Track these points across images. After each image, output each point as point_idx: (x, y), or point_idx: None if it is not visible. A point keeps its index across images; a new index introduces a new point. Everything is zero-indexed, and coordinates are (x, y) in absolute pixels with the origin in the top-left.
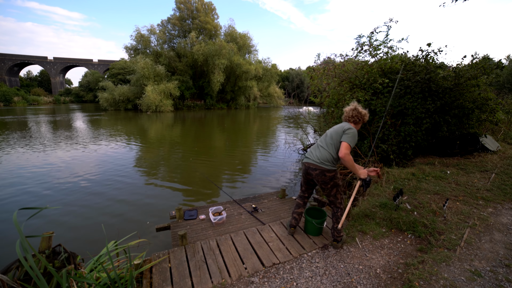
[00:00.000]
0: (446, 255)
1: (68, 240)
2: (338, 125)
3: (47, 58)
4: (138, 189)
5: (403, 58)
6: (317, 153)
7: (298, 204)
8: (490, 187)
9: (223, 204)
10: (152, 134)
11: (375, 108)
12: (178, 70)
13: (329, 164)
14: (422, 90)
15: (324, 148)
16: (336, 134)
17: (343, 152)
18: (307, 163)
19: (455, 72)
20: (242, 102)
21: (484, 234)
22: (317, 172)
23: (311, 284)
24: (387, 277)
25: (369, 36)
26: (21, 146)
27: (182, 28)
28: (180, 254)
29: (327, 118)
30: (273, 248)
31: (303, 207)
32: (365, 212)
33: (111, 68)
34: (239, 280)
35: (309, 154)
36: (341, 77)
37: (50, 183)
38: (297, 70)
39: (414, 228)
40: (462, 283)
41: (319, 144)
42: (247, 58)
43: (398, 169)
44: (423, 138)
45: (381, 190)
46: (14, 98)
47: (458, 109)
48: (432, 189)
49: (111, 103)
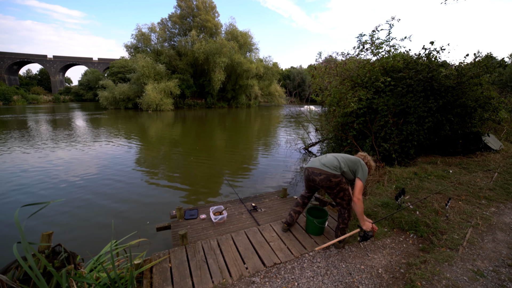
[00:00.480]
0: (448, 255)
1: (68, 240)
2: (357, 158)
3: (46, 56)
4: (138, 189)
5: (405, 56)
6: (323, 160)
7: (297, 202)
8: (493, 187)
9: (224, 204)
10: (153, 133)
11: (377, 107)
12: (178, 68)
13: (334, 169)
14: (425, 88)
15: (337, 158)
16: (353, 161)
17: (358, 195)
18: (310, 167)
19: (458, 71)
20: (243, 101)
21: (486, 233)
22: (322, 177)
23: (313, 284)
24: (389, 277)
25: (371, 34)
26: (20, 146)
27: (182, 27)
28: (180, 254)
29: (329, 117)
30: (274, 248)
31: (302, 207)
32: (367, 212)
33: (111, 67)
34: (240, 280)
35: (314, 159)
36: (342, 76)
37: (49, 183)
38: (298, 68)
39: (416, 228)
40: (464, 283)
41: (330, 155)
42: (248, 57)
43: (400, 168)
44: (425, 137)
45: (383, 189)
46: (14, 96)
47: (461, 107)
48: (434, 189)
49: (111, 102)
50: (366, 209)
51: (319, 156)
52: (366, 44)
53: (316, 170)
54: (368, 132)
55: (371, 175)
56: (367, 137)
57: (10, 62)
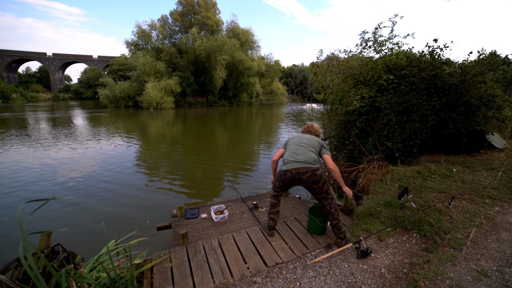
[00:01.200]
0: (452, 254)
1: (68, 239)
2: (310, 136)
3: (46, 54)
4: (138, 188)
5: (408, 54)
6: (302, 157)
7: (273, 203)
8: (497, 185)
9: (225, 203)
10: (153, 132)
11: (380, 105)
12: (179, 66)
13: (316, 163)
14: (428, 86)
15: (309, 149)
16: (314, 143)
17: (333, 163)
18: (294, 169)
19: (461, 68)
20: (244, 99)
21: (490, 233)
22: (308, 174)
23: (315, 284)
24: (392, 277)
25: (373, 32)
26: (18, 144)
27: (183, 24)
28: (181, 254)
29: (331, 115)
30: (276, 248)
31: (279, 205)
32: (369, 211)
33: (111, 64)
34: (241, 280)
35: (292, 159)
36: (345, 74)
37: (48, 182)
38: (300, 66)
39: (419, 227)
40: (468, 283)
41: (299, 147)
42: (249, 54)
43: (403, 167)
44: (429, 136)
45: (386, 188)
46: (13, 95)
47: (464, 106)
48: (438, 187)
49: (111, 100)
50: (369, 208)
51: (289, 152)
52: (369, 42)
53: (301, 169)
54: (371, 131)
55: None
56: (369, 136)
57: (9, 60)
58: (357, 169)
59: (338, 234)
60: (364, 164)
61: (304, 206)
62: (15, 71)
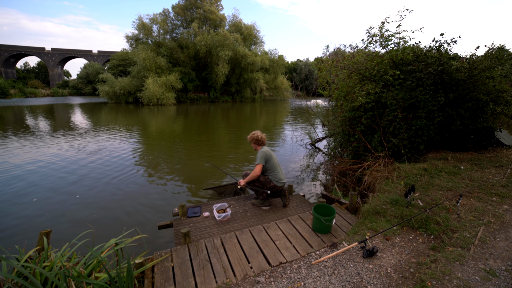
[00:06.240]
0: (459, 253)
1: (65, 237)
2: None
3: (44, 49)
4: (139, 185)
5: (415, 49)
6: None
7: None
8: (506, 183)
9: (227, 201)
10: (154, 128)
11: (386, 101)
12: (180, 61)
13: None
14: (435, 82)
15: (279, 166)
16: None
17: (257, 171)
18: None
19: (469, 63)
20: (247, 95)
21: (499, 232)
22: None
23: (319, 284)
24: (398, 276)
25: (380, 26)
26: (15, 140)
27: (185, 18)
28: (183, 253)
29: (336, 112)
30: (280, 247)
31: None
32: (375, 209)
33: (111, 60)
34: (244, 280)
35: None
36: (350, 69)
37: (46, 179)
38: (305, 61)
39: (426, 226)
40: (476, 283)
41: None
42: (253, 50)
43: (409, 165)
44: (436, 132)
45: (392, 186)
46: (11, 90)
47: (472, 102)
48: (445, 185)
49: (111, 96)
50: (375, 207)
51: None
52: (375, 37)
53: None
54: (377, 127)
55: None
56: (375, 132)
57: (7, 55)
58: (363, 167)
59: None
60: (369, 162)
61: (309, 204)
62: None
